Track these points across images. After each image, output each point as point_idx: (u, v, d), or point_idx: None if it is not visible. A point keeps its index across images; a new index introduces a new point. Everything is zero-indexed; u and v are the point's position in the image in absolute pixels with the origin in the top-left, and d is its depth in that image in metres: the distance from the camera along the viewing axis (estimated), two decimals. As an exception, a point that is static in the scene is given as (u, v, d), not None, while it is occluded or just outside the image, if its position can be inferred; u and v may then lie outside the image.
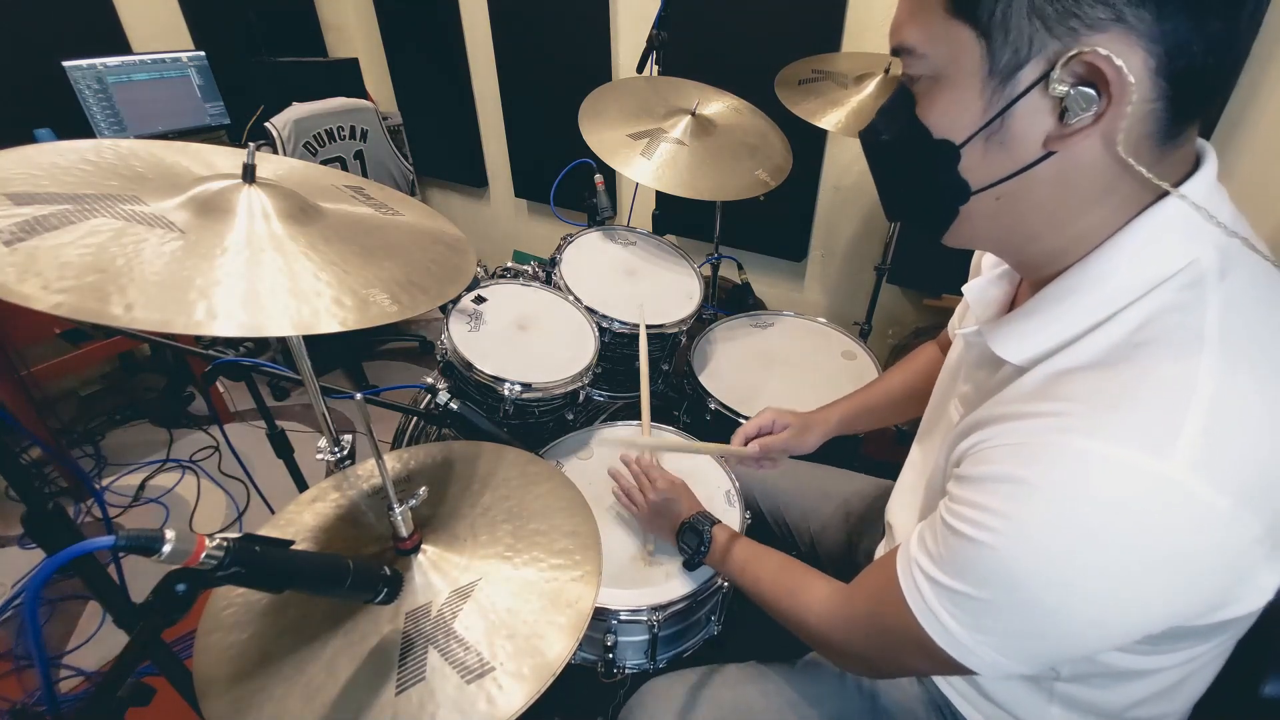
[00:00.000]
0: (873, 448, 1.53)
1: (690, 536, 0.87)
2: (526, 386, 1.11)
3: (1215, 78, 0.41)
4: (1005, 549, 0.44)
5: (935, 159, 0.48)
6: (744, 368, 1.41)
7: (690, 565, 0.91)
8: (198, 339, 1.69)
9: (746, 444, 0.94)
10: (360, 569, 0.58)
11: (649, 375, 1.08)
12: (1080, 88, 0.40)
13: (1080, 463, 0.41)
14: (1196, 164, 0.47)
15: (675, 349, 1.42)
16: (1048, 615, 0.44)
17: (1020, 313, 0.52)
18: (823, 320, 1.56)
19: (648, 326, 1.29)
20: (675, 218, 1.98)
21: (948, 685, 0.71)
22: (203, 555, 0.44)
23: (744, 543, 0.84)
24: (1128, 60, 0.38)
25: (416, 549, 0.69)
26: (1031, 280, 0.54)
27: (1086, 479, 0.41)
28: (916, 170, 0.51)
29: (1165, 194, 0.44)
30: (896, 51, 0.48)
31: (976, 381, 0.61)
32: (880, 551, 0.84)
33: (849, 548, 0.97)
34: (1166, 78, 0.40)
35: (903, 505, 0.79)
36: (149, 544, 0.41)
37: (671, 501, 0.93)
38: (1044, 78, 0.41)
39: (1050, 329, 0.49)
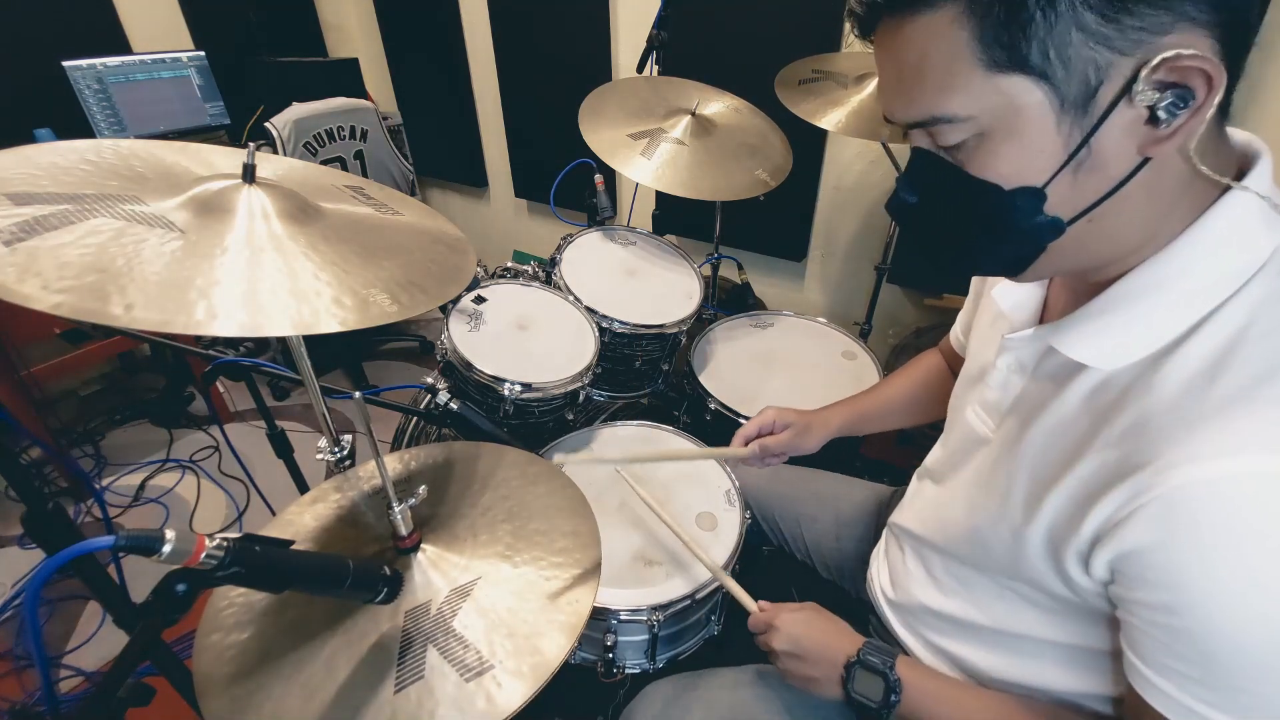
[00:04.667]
0: (872, 449, 1.53)
1: (867, 681, 0.65)
2: (526, 386, 1.11)
3: (1248, 51, 0.41)
4: (1221, 625, 0.42)
5: (1015, 209, 0.45)
6: (744, 368, 1.41)
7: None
8: (198, 339, 1.69)
9: (747, 444, 0.93)
10: (360, 569, 0.58)
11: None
12: (1169, 90, 0.39)
13: (1239, 493, 0.40)
14: (1248, 157, 0.47)
15: (675, 349, 1.42)
16: None
17: (1090, 313, 0.50)
18: (823, 320, 1.56)
19: (645, 326, 1.29)
20: (675, 218, 1.98)
21: None
22: (203, 555, 0.44)
23: (944, 680, 0.67)
24: (1202, 49, 0.38)
25: (416, 548, 0.69)
26: (1087, 282, 0.52)
27: (1248, 507, 0.40)
28: (993, 226, 0.47)
29: (1228, 187, 0.44)
30: (919, 125, 0.46)
31: (1021, 390, 0.59)
32: (879, 556, 0.84)
33: (845, 554, 0.97)
34: (1229, 58, 0.40)
35: (935, 529, 0.71)
36: (149, 544, 0.41)
37: (806, 639, 0.70)
38: (1125, 92, 0.40)
39: (1135, 329, 0.47)
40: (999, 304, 0.63)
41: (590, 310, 1.28)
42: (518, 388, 1.10)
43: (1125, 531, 0.45)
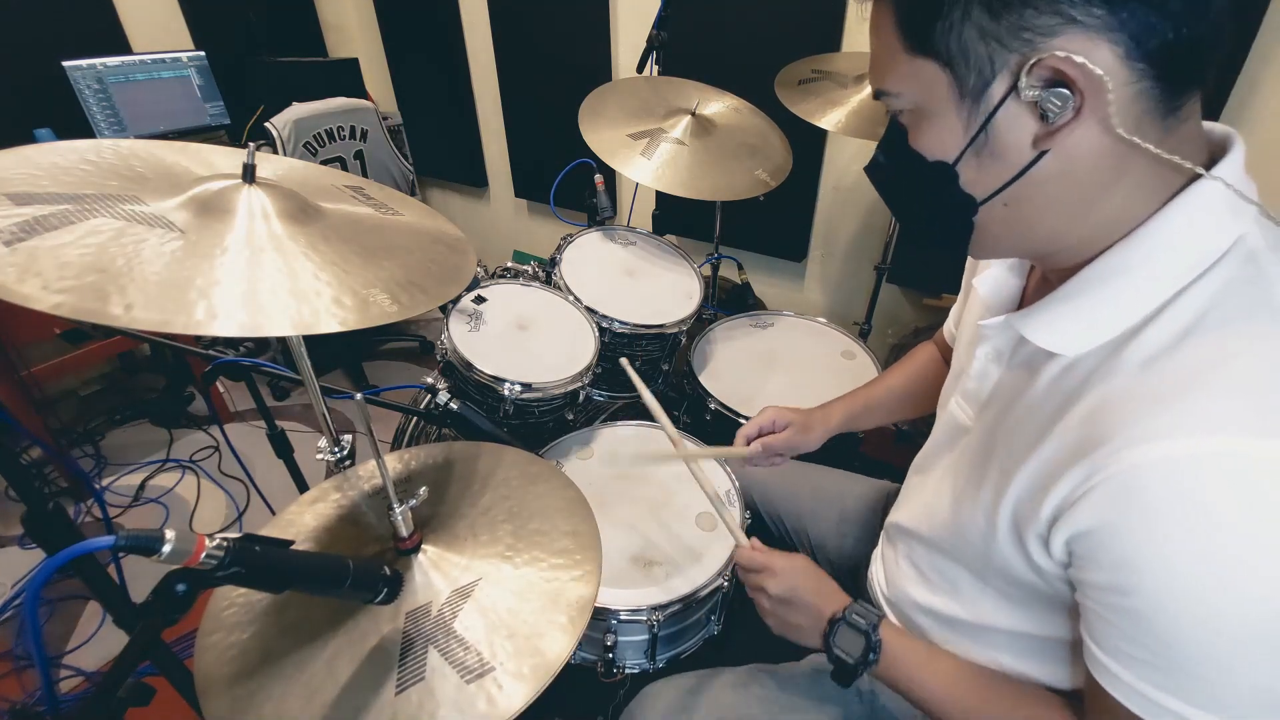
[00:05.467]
0: (871, 447, 1.53)
1: (849, 638, 0.66)
2: (526, 386, 1.11)
3: (1199, 46, 0.41)
4: (1174, 611, 0.42)
5: (935, 180, 0.49)
6: (744, 368, 1.41)
7: (847, 678, 0.67)
8: (198, 339, 1.69)
9: (749, 444, 0.93)
10: (360, 569, 0.58)
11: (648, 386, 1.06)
12: (1053, 89, 0.41)
13: (1192, 474, 0.40)
14: (1221, 149, 0.47)
15: (675, 349, 1.42)
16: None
17: (1055, 299, 0.51)
18: (823, 320, 1.56)
19: (645, 326, 1.29)
20: (675, 218, 1.98)
21: None
22: (203, 555, 0.44)
23: (924, 647, 0.68)
24: (1091, 55, 0.39)
25: (417, 549, 0.69)
26: (1059, 270, 0.53)
27: (1199, 486, 0.40)
28: (922, 193, 0.52)
29: (1198, 176, 0.44)
30: (878, 95, 0.51)
31: (998, 379, 0.60)
32: (878, 558, 0.84)
33: (847, 552, 0.97)
34: (1142, 59, 0.40)
35: (924, 521, 0.71)
36: (149, 544, 0.41)
37: (800, 589, 0.71)
38: (1013, 88, 0.43)
39: (1099, 313, 0.48)
40: (979, 292, 0.64)
41: (590, 310, 1.28)
42: (518, 388, 1.10)
43: (1080, 511, 0.45)
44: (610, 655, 0.90)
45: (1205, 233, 0.45)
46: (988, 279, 0.63)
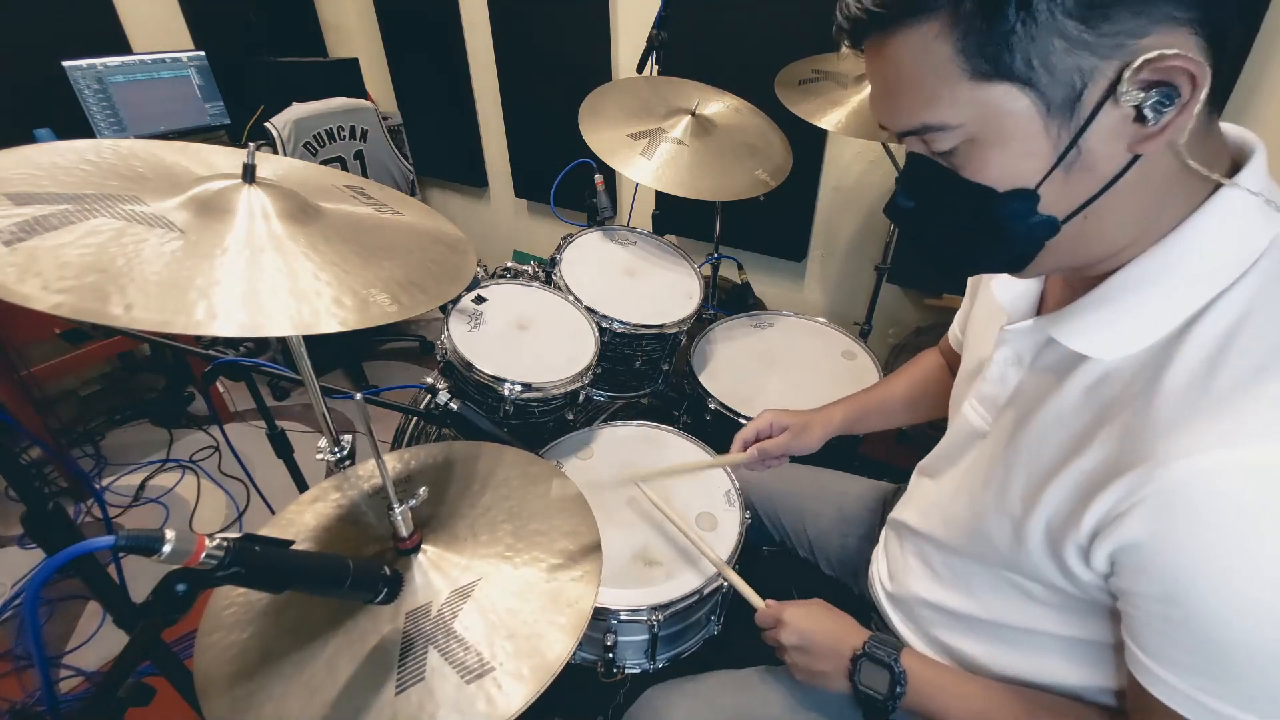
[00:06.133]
0: (871, 448, 1.53)
1: (872, 673, 0.66)
2: (526, 386, 1.11)
3: (1238, 33, 0.42)
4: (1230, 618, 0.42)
5: (1010, 210, 0.46)
6: (744, 368, 1.41)
7: (879, 716, 0.66)
8: (198, 339, 1.69)
9: (746, 449, 0.93)
10: (360, 569, 0.58)
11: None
12: (1154, 89, 0.40)
13: (1237, 483, 0.40)
14: (1239, 152, 0.47)
15: (675, 349, 1.42)
16: None
17: (1088, 304, 0.50)
18: (823, 320, 1.56)
19: (645, 326, 1.29)
20: (675, 218, 1.98)
21: None
22: (203, 555, 0.44)
23: (951, 672, 0.67)
24: (1185, 47, 0.39)
25: (417, 549, 0.69)
26: (1087, 278, 0.52)
27: (1247, 496, 0.40)
28: (989, 228, 0.48)
29: (1223, 184, 0.44)
30: (911, 133, 0.47)
31: (1018, 384, 0.60)
32: (880, 556, 0.84)
33: (848, 551, 0.97)
34: (1215, 47, 0.40)
35: (936, 522, 0.71)
36: (149, 544, 0.41)
37: (813, 634, 0.71)
38: (1110, 93, 0.40)
39: (1133, 319, 0.48)
40: (997, 297, 0.63)
41: (590, 310, 1.28)
42: (518, 388, 1.10)
43: (1125, 525, 0.45)
44: (610, 655, 0.90)
45: (1234, 236, 0.45)
46: (1006, 285, 0.62)
